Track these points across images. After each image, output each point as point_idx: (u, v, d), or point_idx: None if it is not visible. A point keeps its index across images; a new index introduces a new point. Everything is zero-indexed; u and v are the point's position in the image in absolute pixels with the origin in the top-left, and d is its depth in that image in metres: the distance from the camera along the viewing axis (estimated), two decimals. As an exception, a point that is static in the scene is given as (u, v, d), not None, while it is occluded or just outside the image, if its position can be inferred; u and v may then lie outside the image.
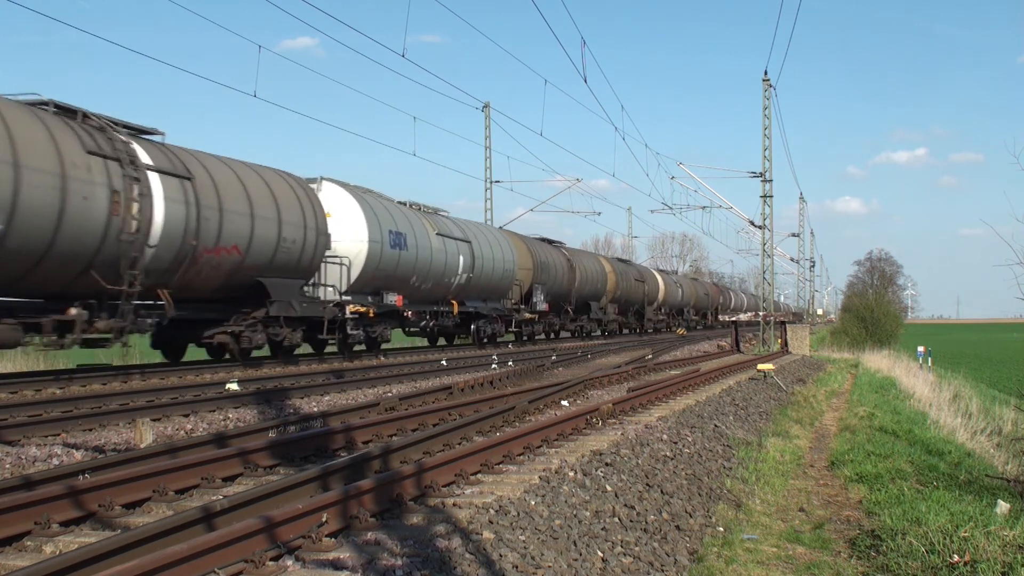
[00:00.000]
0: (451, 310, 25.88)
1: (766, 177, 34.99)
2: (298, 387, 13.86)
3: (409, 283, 22.79)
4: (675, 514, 7.04)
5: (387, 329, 22.68)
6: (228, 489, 6.51)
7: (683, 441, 9.68)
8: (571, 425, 9.62)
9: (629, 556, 5.72)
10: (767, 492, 8.97)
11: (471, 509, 5.72)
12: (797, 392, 19.11)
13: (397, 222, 22.39)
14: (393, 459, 7.27)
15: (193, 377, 15.36)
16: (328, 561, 4.57)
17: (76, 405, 11.22)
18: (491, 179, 40.78)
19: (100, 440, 9.08)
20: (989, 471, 10.73)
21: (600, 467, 7.52)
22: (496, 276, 28.31)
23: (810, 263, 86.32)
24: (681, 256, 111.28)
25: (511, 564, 4.88)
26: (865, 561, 6.68)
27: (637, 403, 12.11)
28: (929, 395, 21.28)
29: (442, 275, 24.65)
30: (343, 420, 10.01)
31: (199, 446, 7.79)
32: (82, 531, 5.37)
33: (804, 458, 11.59)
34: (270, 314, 17.39)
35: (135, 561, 3.98)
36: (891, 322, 51.77)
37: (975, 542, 6.45)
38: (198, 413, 11.05)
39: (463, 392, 13.56)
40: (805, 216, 74.90)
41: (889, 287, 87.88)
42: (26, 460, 7.90)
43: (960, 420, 16.10)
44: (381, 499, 5.70)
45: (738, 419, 12.92)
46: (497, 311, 28.99)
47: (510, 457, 7.70)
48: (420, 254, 23.17)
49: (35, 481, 6.05)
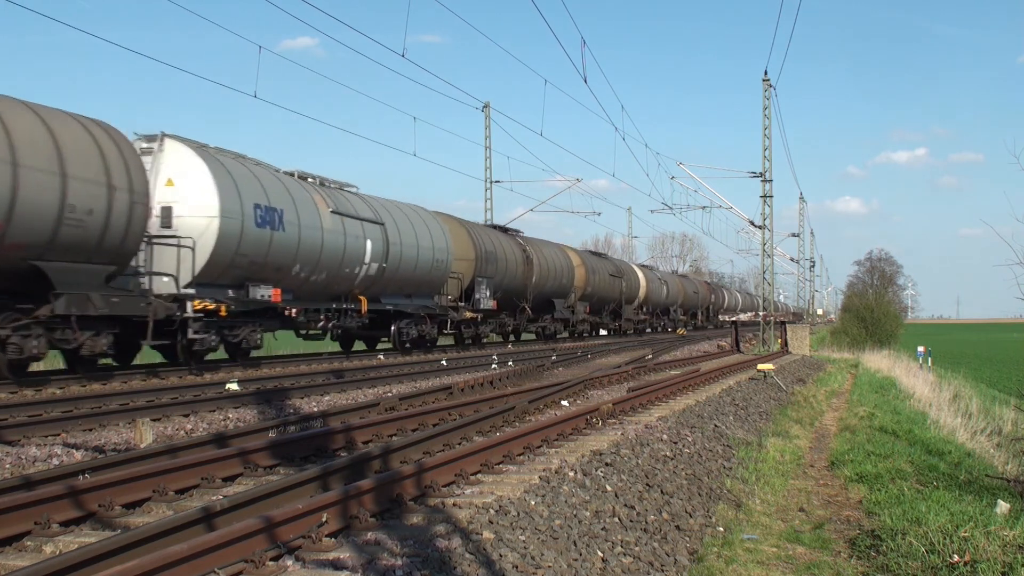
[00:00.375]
0: (358, 308, 21.32)
1: (766, 177, 35.01)
2: (298, 387, 13.87)
3: (291, 273, 18.28)
4: (675, 514, 7.04)
5: (256, 332, 17.80)
6: (228, 489, 6.51)
7: (683, 441, 9.68)
8: (571, 425, 9.62)
9: (629, 556, 5.72)
10: (767, 492, 8.97)
11: (471, 509, 5.72)
12: (797, 392, 19.12)
13: (270, 194, 17.57)
14: (393, 459, 7.27)
15: (193, 377, 15.36)
16: (328, 561, 4.57)
17: (76, 405, 11.22)
18: (491, 179, 40.80)
19: (100, 440, 9.08)
20: (989, 471, 10.73)
21: (600, 467, 7.52)
22: (423, 267, 23.76)
23: (810, 263, 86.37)
24: (681, 256, 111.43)
25: (511, 564, 4.88)
26: (865, 561, 6.68)
27: (637, 403, 12.11)
28: (929, 395, 21.28)
29: (340, 264, 20.03)
30: (343, 420, 10.01)
31: (199, 446, 7.79)
32: (82, 531, 5.37)
33: (804, 458, 11.59)
34: (56, 312, 12.90)
35: (135, 561, 3.98)
36: (891, 322, 51.79)
37: (975, 542, 6.45)
38: (198, 413, 11.05)
39: (463, 392, 13.56)
40: (805, 216, 74.94)
41: (889, 287, 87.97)
42: (26, 460, 7.90)
43: (960, 420, 16.10)
44: (381, 499, 5.70)
45: (738, 419, 12.92)
46: (427, 309, 24.44)
47: (510, 457, 7.70)
48: (306, 236, 18.53)
49: (35, 481, 6.05)
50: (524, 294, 31.52)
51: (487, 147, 40.60)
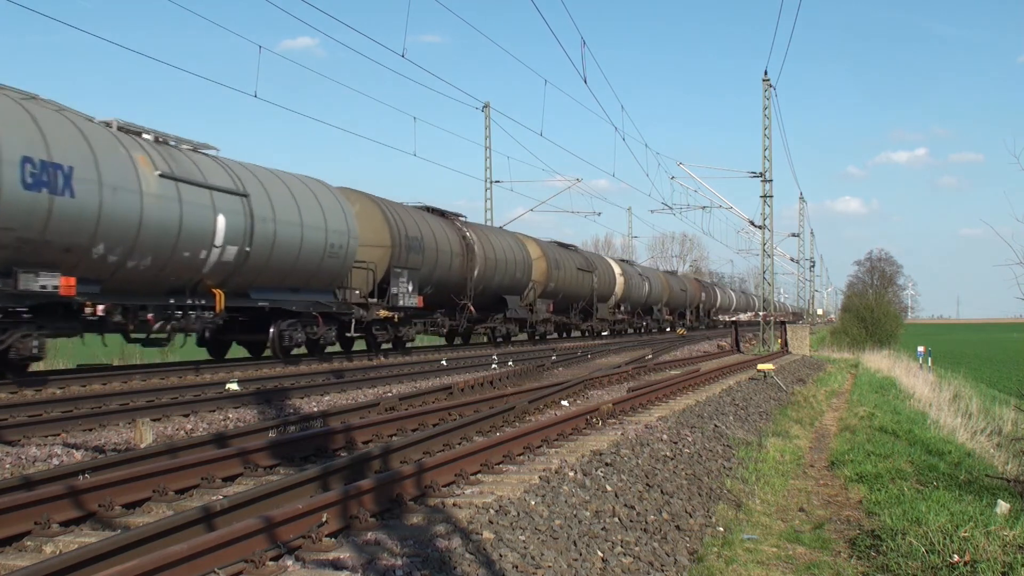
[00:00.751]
0: (212, 303, 16.38)
1: (766, 177, 35.01)
2: (298, 387, 13.86)
3: (90, 256, 13.57)
4: (675, 514, 7.04)
5: (28, 337, 13.02)
6: (228, 489, 6.50)
7: (683, 441, 9.68)
8: (571, 425, 9.62)
9: (629, 556, 5.72)
10: (767, 492, 8.97)
11: (471, 509, 5.72)
12: (797, 392, 19.11)
13: (52, 145, 12.84)
14: (393, 459, 7.27)
15: (193, 377, 15.37)
16: (328, 561, 4.57)
17: (76, 405, 11.22)
18: (491, 179, 40.81)
19: (100, 440, 9.08)
20: (989, 471, 10.73)
21: (600, 467, 7.52)
22: (310, 254, 18.76)
23: (810, 263, 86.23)
24: (681, 256, 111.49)
25: (511, 564, 4.88)
26: (865, 561, 6.68)
27: (637, 403, 12.11)
28: (929, 395, 21.29)
29: (174, 245, 15.05)
30: (343, 420, 10.01)
31: (199, 446, 7.79)
32: (82, 531, 5.37)
33: (804, 458, 11.59)
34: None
35: (135, 561, 3.98)
36: (891, 322, 51.81)
37: (975, 542, 6.45)
38: (198, 413, 11.05)
39: (463, 392, 13.56)
40: (805, 216, 74.85)
41: (889, 287, 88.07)
42: (26, 460, 7.89)
43: (960, 420, 16.10)
44: (381, 499, 5.70)
45: (738, 419, 12.92)
46: (320, 307, 19.67)
47: (510, 457, 7.70)
48: (113, 204, 13.72)
49: (35, 481, 6.05)
50: (464, 290, 26.72)
51: (487, 147, 40.62)
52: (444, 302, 26.06)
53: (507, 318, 30.24)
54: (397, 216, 23.08)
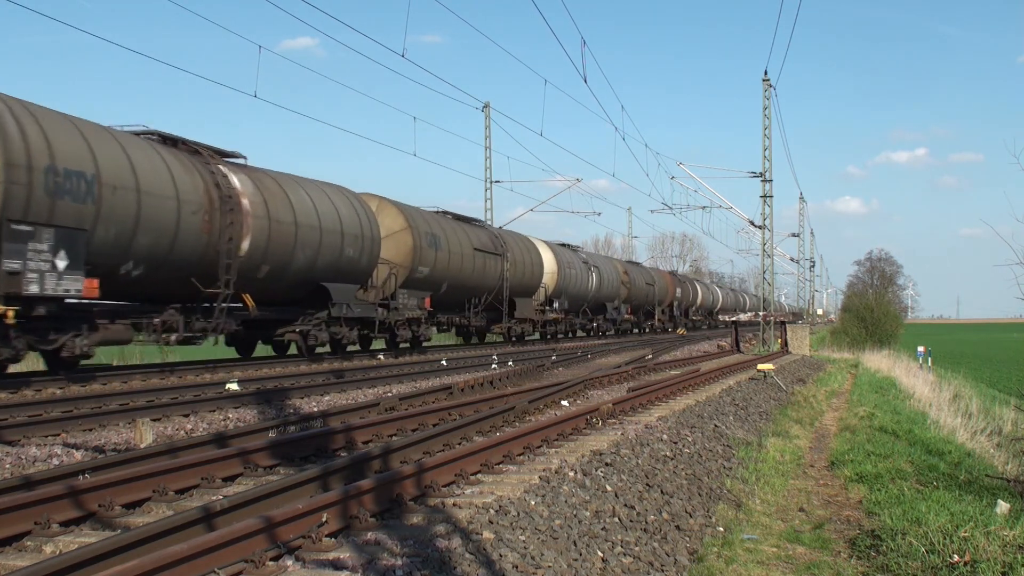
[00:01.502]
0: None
1: (766, 177, 35.00)
2: (298, 387, 13.86)
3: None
4: (675, 514, 7.04)
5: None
6: (228, 489, 6.50)
7: (683, 441, 9.68)
8: (571, 425, 9.62)
9: (629, 556, 5.72)
10: (767, 492, 8.96)
11: (471, 509, 5.72)
12: (797, 392, 19.11)
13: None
14: (393, 459, 7.27)
15: (193, 377, 15.36)
16: (328, 561, 4.57)
17: (76, 405, 11.22)
18: (491, 179, 40.82)
19: (100, 440, 9.08)
20: (989, 471, 10.73)
21: (600, 467, 7.52)
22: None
23: (810, 263, 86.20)
24: (681, 256, 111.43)
25: (511, 564, 4.88)
26: (865, 561, 6.68)
27: (637, 403, 12.11)
28: (929, 395, 21.28)
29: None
30: (343, 420, 10.01)
31: (199, 446, 7.79)
32: (82, 531, 5.37)
33: (804, 458, 11.59)
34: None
35: (135, 561, 3.98)
36: (891, 322, 51.76)
37: (975, 542, 6.45)
38: (198, 413, 11.05)
39: (463, 392, 13.56)
40: (805, 216, 74.81)
41: (889, 287, 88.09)
42: (26, 460, 7.90)
43: (960, 420, 16.09)
44: (381, 499, 5.70)
45: (738, 419, 12.92)
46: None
47: (510, 457, 7.70)
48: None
49: (35, 481, 6.05)
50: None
51: (487, 147, 40.63)
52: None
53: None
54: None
